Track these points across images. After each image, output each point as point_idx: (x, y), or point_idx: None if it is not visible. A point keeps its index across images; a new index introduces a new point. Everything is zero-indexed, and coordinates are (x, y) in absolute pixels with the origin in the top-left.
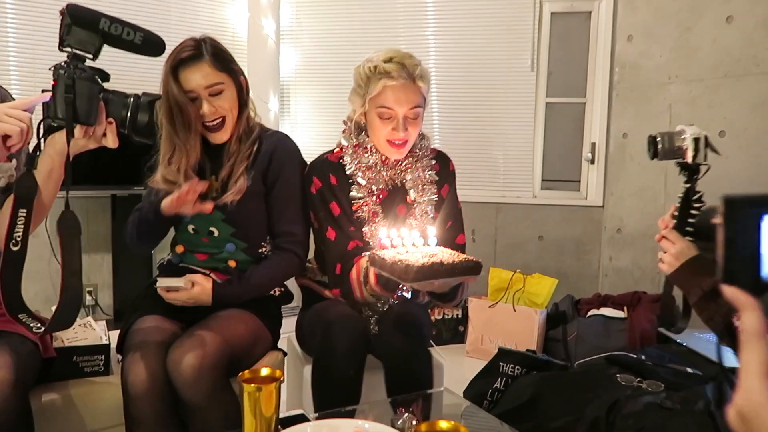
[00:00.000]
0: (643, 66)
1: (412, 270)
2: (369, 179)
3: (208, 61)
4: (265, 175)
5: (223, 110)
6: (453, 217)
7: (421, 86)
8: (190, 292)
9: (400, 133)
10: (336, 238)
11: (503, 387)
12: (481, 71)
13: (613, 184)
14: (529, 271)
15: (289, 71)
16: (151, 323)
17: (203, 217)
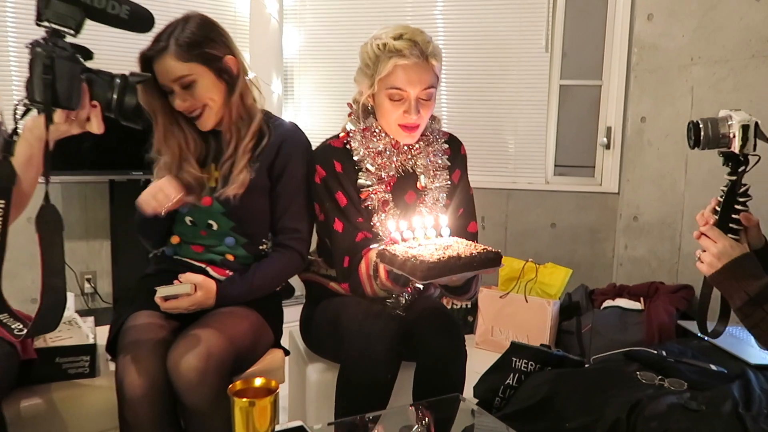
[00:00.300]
0: (663, 47)
1: (426, 266)
2: (378, 165)
3: (172, 54)
4: (271, 168)
5: (198, 102)
6: (464, 204)
7: (434, 65)
8: (193, 297)
9: (412, 116)
10: (343, 230)
11: (516, 383)
12: (492, 51)
13: (629, 170)
14: (541, 260)
15: (293, 52)
16: (145, 320)
17: (202, 210)
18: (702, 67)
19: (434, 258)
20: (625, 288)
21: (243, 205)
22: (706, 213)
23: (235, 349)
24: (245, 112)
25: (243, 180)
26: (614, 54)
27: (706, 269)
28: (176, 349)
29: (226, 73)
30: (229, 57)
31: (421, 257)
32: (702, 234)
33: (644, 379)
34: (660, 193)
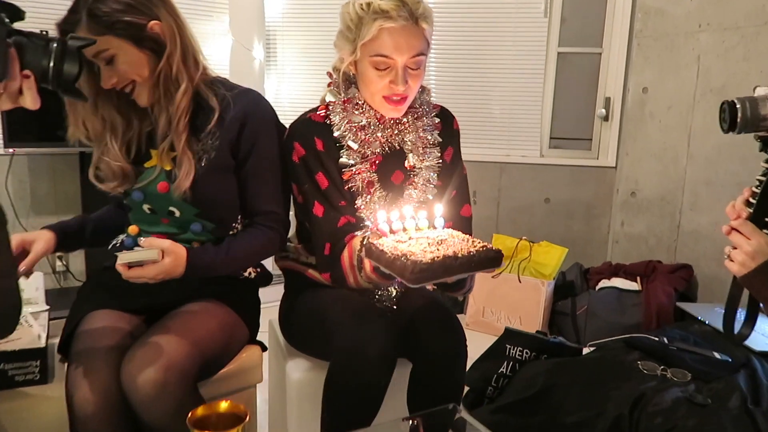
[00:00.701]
0: (669, 12)
1: (418, 268)
2: (362, 142)
3: (84, 27)
4: (235, 145)
5: (124, 77)
6: (457, 185)
7: (424, 28)
8: (161, 264)
9: (399, 87)
10: (324, 215)
11: (510, 372)
12: (487, 15)
13: (629, 143)
14: (534, 236)
15: (276, 15)
16: (100, 322)
17: (160, 196)
18: (710, 34)
19: (427, 257)
20: (622, 267)
21: (204, 189)
22: (738, 205)
23: (201, 355)
24: (172, 82)
25: (186, 169)
26: (616, 20)
27: (737, 269)
28: (132, 360)
29: (151, 41)
30: (154, 22)
31: (412, 256)
32: (733, 229)
33: (646, 369)
34: (660, 168)
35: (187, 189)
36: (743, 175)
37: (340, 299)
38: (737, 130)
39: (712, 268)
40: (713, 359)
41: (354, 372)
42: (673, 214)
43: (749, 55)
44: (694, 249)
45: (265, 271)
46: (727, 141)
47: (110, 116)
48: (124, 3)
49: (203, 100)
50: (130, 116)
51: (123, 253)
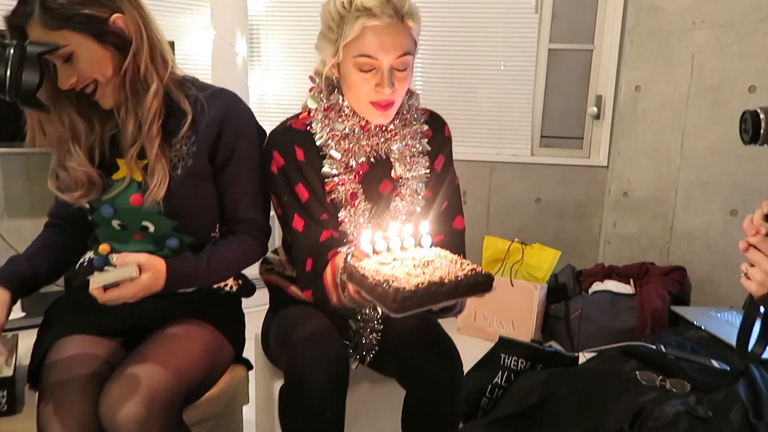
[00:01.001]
0: (663, 8)
1: (401, 296)
2: (345, 151)
3: (38, 21)
4: (213, 151)
5: (85, 76)
6: (449, 196)
7: (411, 26)
8: (140, 281)
9: (386, 90)
10: (305, 228)
11: (505, 382)
12: (477, 11)
13: (621, 142)
14: (525, 236)
15: (259, 8)
16: (73, 349)
17: (131, 211)
18: (705, 31)
19: (411, 284)
20: (614, 269)
21: (182, 199)
22: (756, 220)
23: (186, 383)
24: (140, 82)
25: (160, 178)
26: (608, 15)
27: (755, 288)
28: (111, 394)
29: (114, 35)
30: (117, 16)
31: (395, 281)
32: (751, 245)
33: (644, 380)
34: (653, 168)
35: (159, 199)
36: (738, 176)
37: (304, 317)
38: (760, 142)
39: (706, 270)
40: (712, 368)
41: (295, 400)
42: (666, 215)
43: (745, 54)
44: (687, 250)
45: (246, 283)
46: (721, 141)
47: (71, 119)
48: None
49: (174, 102)
50: (92, 119)
51: (95, 275)
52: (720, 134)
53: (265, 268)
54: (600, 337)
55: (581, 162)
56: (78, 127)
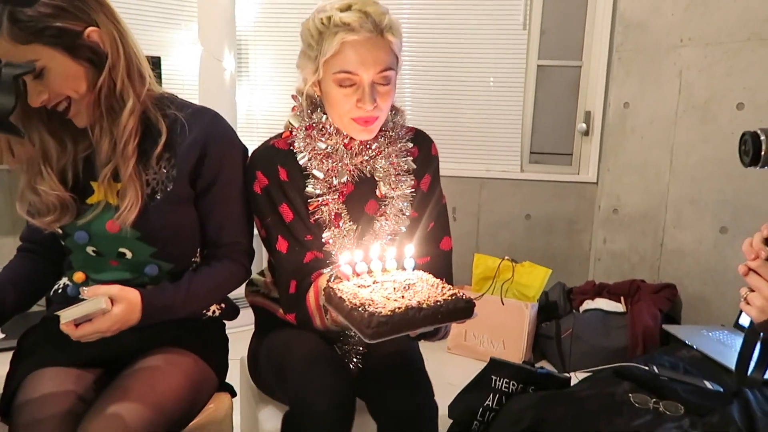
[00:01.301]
0: (650, 26)
1: (376, 321)
2: (328, 171)
3: (6, 34)
4: (195, 174)
5: (57, 93)
6: (435, 217)
7: (391, 41)
8: (113, 314)
9: (367, 106)
10: (288, 250)
11: (496, 405)
12: (465, 28)
13: (610, 158)
14: (515, 253)
15: (248, 23)
16: (46, 385)
17: (108, 237)
18: (692, 49)
19: (388, 309)
20: (605, 286)
21: (162, 223)
22: (756, 243)
23: (167, 419)
24: (115, 99)
25: (131, 200)
26: (596, 33)
27: (755, 314)
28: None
29: (88, 50)
30: (92, 29)
31: (371, 306)
32: (751, 270)
33: (637, 403)
34: (643, 184)
35: (129, 223)
36: (728, 193)
37: (299, 341)
38: (760, 164)
39: (696, 288)
40: (705, 389)
41: (305, 427)
42: (656, 232)
43: (732, 71)
44: (677, 268)
45: (230, 305)
46: (710, 158)
47: (41, 139)
48: (54, 5)
49: (150, 121)
50: (64, 139)
51: (64, 311)
52: (709, 151)
53: (251, 290)
54: (592, 356)
55: (571, 178)
56: (49, 148)
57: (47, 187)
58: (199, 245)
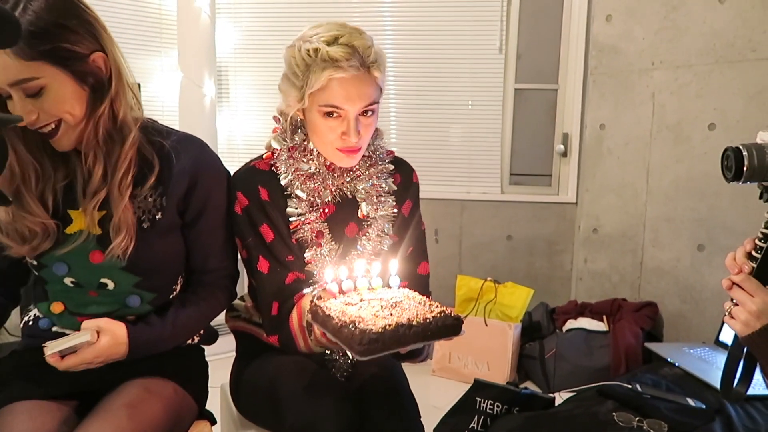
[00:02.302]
0: (623, 49)
1: (367, 338)
2: (311, 191)
3: (10, 50)
4: (185, 204)
5: (51, 114)
6: (414, 242)
7: (377, 76)
8: (98, 346)
9: (351, 139)
10: (270, 271)
11: (481, 427)
12: (444, 53)
13: (588, 179)
14: (497, 273)
15: (227, 50)
16: (20, 420)
17: (88, 267)
18: (664, 71)
19: (378, 326)
20: (588, 306)
21: (148, 254)
22: (739, 258)
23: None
24: (116, 129)
25: (127, 233)
26: (570, 56)
27: (740, 328)
28: None
29: (92, 76)
30: (98, 54)
31: (361, 323)
32: (735, 284)
33: (621, 421)
34: (621, 204)
35: (121, 256)
36: (702, 211)
37: (294, 368)
38: (743, 180)
39: (676, 305)
40: (688, 407)
41: None
42: (635, 251)
43: (702, 93)
44: (657, 286)
45: (209, 331)
46: (684, 177)
47: (20, 159)
48: (56, 22)
49: (140, 151)
50: (43, 162)
51: (50, 343)
52: (683, 170)
53: (231, 315)
54: (575, 376)
55: (550, 199)
56: (28, 170)
57: (28, 213)
58: (181, 273)
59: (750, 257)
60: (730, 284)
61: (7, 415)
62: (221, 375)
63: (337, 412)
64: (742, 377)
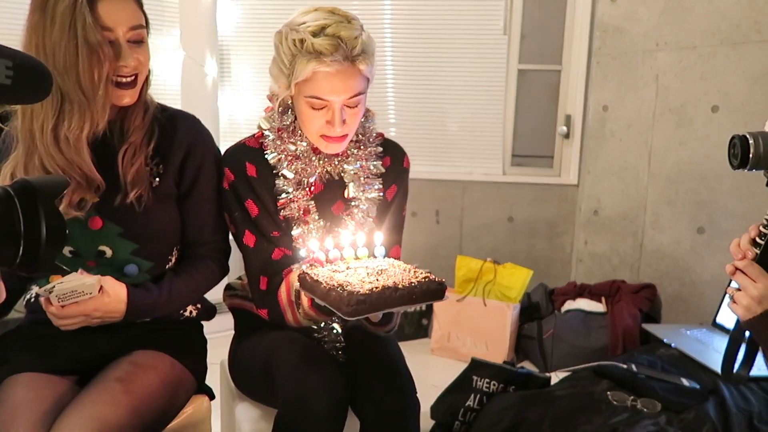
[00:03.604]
0: (627, 30)
1: (355, 299)
2: (298, 171)
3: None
4: (180, 173)
5: (141, 65)
6: (392, 227)
7: (362, 69)
8: (100, 300)
9: (336, 129)
10: (256, 245)
11: (478, 405)
12: (446, 33)
13: (590, 161)
14: (498, 255)
15: (229, 29)
16: (21, 392)
17: (87, 234)
18: (668, 53)
19: (365, 288)
20: (586, 287)
21: (147, 220)
22: (743, 244)
23: (141, 421)
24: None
25: (141, 178)
26: (575, 37)
27: (741, 312)
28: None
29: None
30: None
31: (349, 286)
32: (738, 270)
33: (616, 401)
34: (622, 187)
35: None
36: (703, 194)
37: (286, 342)
38: (749, 167)
39: (675, 288)
40: (682, 387)
41: (299, 428)
42: (636, 233)
43: (706, 75)
44: (657, 268)
45: (206, 305)
46: (686, 160)
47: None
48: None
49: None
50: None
51: (57, 285)
52: (685, 153)
53: (229, 294)
54: (573, 356)
55: (552, 181)
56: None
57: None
58: (176, 244)
59: (754, 243)
60: (733, 269)
61: (9, 387)
62: (221, 352)
63: (329, 384)
64: (744, 361)
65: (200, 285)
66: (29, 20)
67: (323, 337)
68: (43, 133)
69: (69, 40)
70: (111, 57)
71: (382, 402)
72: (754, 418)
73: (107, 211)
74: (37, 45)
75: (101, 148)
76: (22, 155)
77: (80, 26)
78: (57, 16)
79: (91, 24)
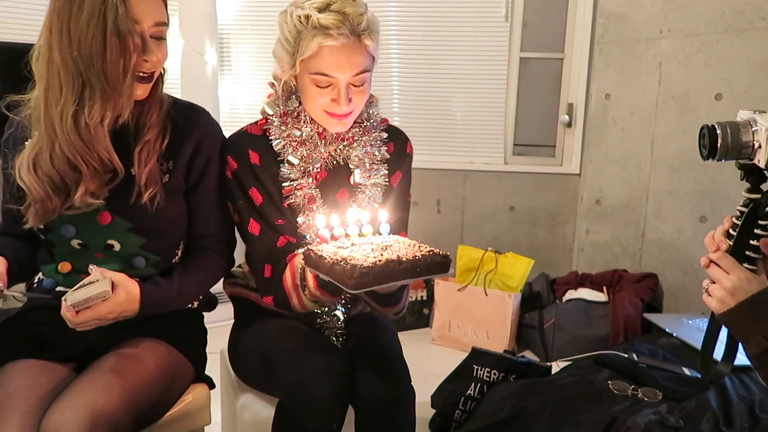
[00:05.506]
0: (630, 18)
1: (358, 272)
2: (303, 157)
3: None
4: (189, 167)
5: (160, 63)
6: (399, 210)
7: (368, 45)
8: (115, 300)
9: (342, 107)
10: (261, 233)
11: (478, 394)
12: (448, 21)
13: (592, 150)
14: (499, 244)
15: (229, 16)
16: (17, 378)
17: (96, 229)
18: (671, 40)
19: (369, 262)
20: (588, 276)
21: (157, 216)
22: (717, 236)
23: (135, 407)
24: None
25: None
26: (577, 25)
27: (716, 305)
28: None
29: None
30: None
31: (352, 260)
32: (712, 262)
33: (616, 389)
34: (624, 176)
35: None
36: (706, 183)
37: (288, 331)
38: (717, 157)
39: (677, 277)
40: (683, 376)
41: (300, 415)
42: (638, 222)
43: (710, 62)
44: (658, 257)
45: (208, 296)
46: (689, 148)
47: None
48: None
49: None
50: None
51: (69, 293)
52: (688, 142)
53: (229, 282)
54: (574, 345)
55: (554, 170)
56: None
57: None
58: (182, 238)
59: (727, 235)
60: (708, 262)
61: (7, 373)
62: (222, 342)
63: (329, 371)
64: (725, 357)
65: (208, 278)
66: (53, 3)
67: (324, 323)
68: (63, 120)
69: (97, 27)
70: (139, 49)
71: (375, 390)
72: (755, 407)
73: (117, 207)
74: (60, 30)
75: (115, 144)
76: (45, 143)
77: (111, 15)
78: (86, 3)
79: (123, 14)
